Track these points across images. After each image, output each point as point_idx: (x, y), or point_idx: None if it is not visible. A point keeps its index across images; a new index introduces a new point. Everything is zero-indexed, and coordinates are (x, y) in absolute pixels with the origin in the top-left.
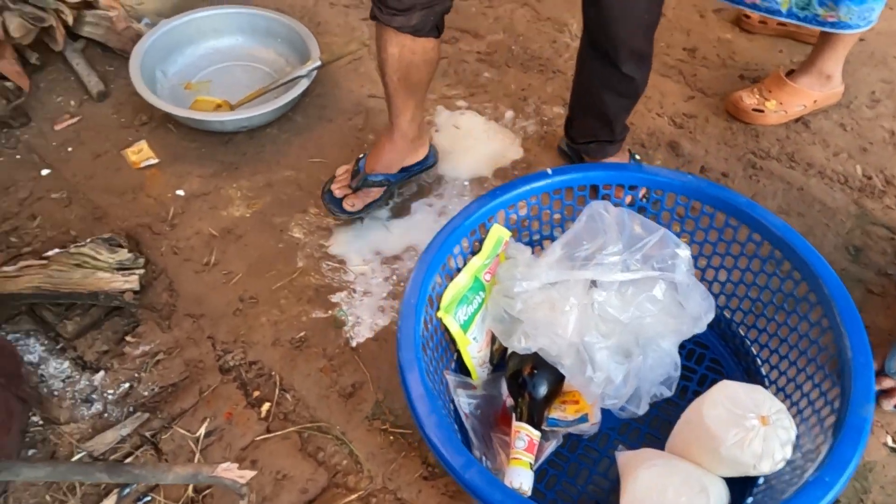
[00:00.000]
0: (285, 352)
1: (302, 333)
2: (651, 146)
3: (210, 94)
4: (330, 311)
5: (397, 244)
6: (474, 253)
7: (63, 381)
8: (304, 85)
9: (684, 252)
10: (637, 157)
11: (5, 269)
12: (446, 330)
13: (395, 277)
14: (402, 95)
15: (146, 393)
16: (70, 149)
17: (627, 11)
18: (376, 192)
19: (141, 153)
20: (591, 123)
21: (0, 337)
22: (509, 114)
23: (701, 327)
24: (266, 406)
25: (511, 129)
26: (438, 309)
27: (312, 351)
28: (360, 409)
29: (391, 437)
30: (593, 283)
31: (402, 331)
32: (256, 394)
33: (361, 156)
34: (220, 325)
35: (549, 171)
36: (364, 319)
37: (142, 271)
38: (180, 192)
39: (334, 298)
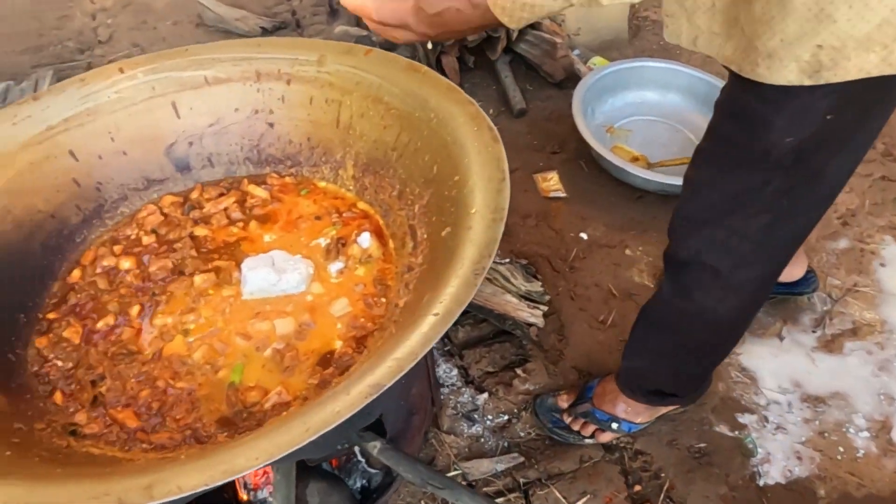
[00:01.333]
0: (681, 457)
1: (703, 444)
2: None
3: (628, 143)
4: (737, 432)
5: (823, 384)
6: None
7: (449, 387)
8: None
9: None
10: None
11: None
12: None
13: (817, 423)
14: None
15: (523, 434)
16: None
17: None
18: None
19: (551, 182)
20: None
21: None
22: None
23: None
24: None
25: None
26: None
27: (713, 471)
28: None
29: None
30: None
31: None
32: (638, 488)
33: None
34: None
35: None
36: (776, 458)
37: (545, 308)
38: (583, 235)
39: (742, 418)
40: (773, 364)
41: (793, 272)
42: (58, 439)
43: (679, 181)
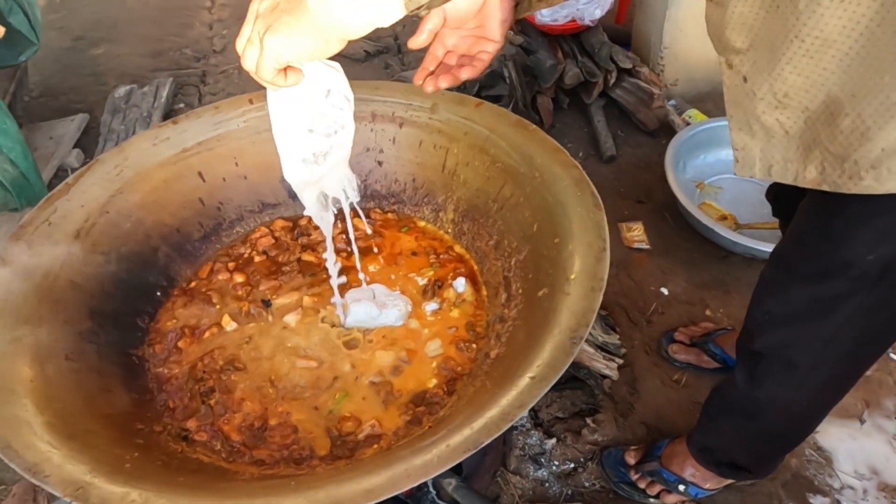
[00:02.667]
0: None
1: None
2: None
3: (717, 201)
4: None
5: None
6: None
7: (518, 427)
8: None
9: None
10: None
11: None
12: None
13: None
14: None
15: (587, 484)
16: None
17: None
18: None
19: (635, 233)
20: None
21: None
22: None
23: None
24: None
25: None
26: None
27: None
28: None
29: None
30: None
31: None
32: None
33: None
34: None
35: None
36: None
37: (621, 361)
38: (664, 290)
39: (813, 499)
40: (850, 446)
41: None
42: (173, 443)
43: (767, 247)
